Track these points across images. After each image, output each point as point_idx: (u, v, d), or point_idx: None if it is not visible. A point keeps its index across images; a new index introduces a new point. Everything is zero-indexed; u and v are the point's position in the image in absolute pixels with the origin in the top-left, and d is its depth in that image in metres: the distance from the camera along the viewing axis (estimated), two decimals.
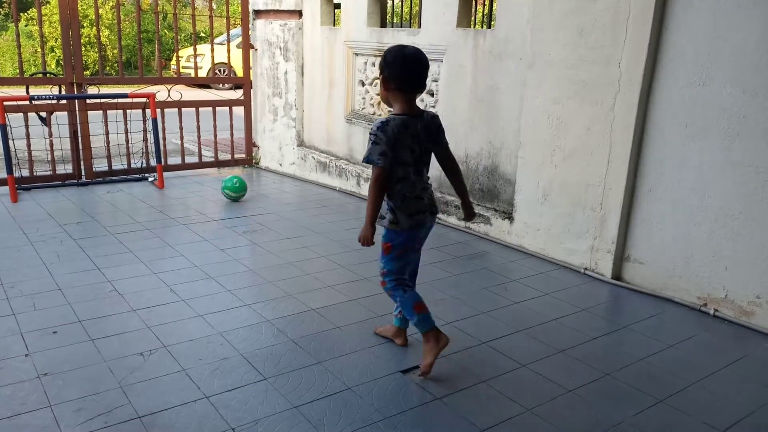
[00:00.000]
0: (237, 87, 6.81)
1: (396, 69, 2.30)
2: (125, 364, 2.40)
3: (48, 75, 5.69)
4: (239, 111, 6.11)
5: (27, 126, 4.95)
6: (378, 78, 2.57)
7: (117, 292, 3.07)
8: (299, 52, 5.68)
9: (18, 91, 5.45)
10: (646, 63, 3.11)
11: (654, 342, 2.77)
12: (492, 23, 6.10)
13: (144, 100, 5.24)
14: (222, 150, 6.23)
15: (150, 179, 5.46)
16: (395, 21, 7.79)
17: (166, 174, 5.51)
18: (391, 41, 4.74)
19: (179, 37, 7.48)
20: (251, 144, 6.28)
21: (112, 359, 2.43)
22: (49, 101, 4.94)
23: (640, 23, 3.10)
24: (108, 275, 3.28)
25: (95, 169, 5.34)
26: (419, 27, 4.57)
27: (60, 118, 5.17)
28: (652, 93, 3.17)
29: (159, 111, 5.34)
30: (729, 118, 2.89)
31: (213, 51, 6.03)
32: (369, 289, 3.17)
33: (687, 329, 2.91)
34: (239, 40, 6.78)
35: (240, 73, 6.16)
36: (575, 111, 3.48)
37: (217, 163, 6.07)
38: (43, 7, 14.19)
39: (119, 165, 5.46)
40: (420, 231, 2.43)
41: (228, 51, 6.02)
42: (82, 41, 5.98)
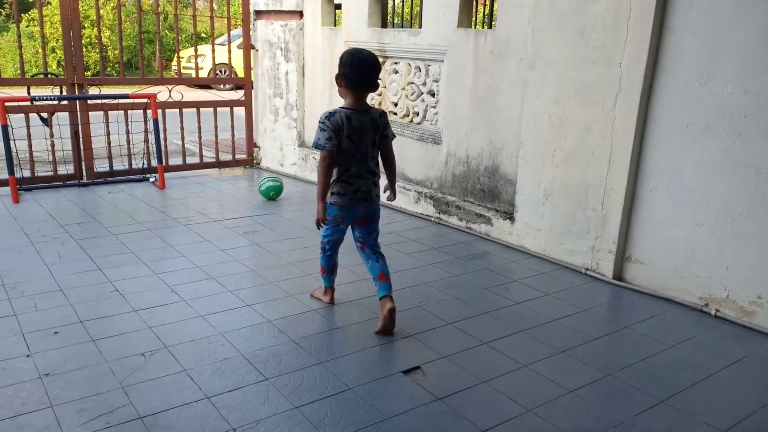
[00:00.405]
0: (238, 87, 6.81)
1: (348, 69, 2.60)
2: (127, 364, 2.41)
3: (49, 76, 5.69)
4: (240, 111, 6.11)
5: (28, 126, 4.95)
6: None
7: (118, 292, 3.08)
8: (300, 52, 5.68)
9: (19, 92, 5.47)
10: (647, 63, 3.11)
11: (655, 342, 2.77)
12: (493, 23, 6.11)
13: (145, 100, 5.24)
14: (223, 150, 6.23)
15: (151, 180, 5.46)
16: (396, 21, 7.78)
17: (167, 174, 5.52)
18: (392, 41, 4.75)
19: (180, 38, 7.49)
20: (252, 144, 6.28)
21: (113, 360, 2.44)
22: (51, 102, 4.95)
23: (640, 23, 3.10)
24: (109, 276, 3.29)
25: (96, 170, 5.35)
26: (420, 27, 4.57)
27: (61, 118, 5.17)
28: (653, 93, 3.17)
29: (160, 111, 5.33)
30: (730, 118, 2.88)
31: (214, 51, 6.04)
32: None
33: (688, 329, 2.91)
34: (240, 40, 6.77)
35: (241, 74, 6.15)
36: (576, 111, 3.48)
37: (218, 164, 6.06)
38: (44, 8, 14.20)
39: (120, 165, 5.47)
40: (351, 211, 2.75)
41: (229, 51, 6.03)
42: (83, 42, 5.99)
